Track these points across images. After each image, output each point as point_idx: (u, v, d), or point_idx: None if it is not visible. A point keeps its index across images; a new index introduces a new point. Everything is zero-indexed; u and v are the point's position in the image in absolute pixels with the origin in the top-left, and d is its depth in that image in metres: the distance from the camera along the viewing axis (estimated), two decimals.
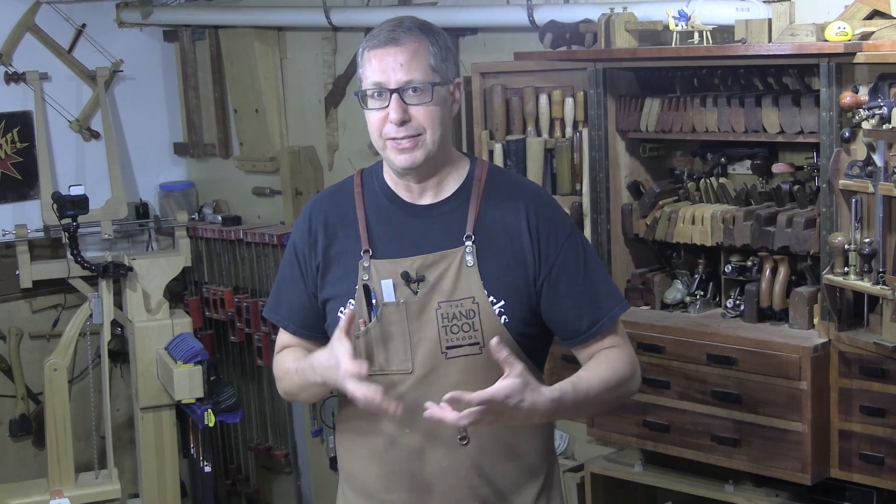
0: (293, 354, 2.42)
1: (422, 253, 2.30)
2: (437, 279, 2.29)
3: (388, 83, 2.23)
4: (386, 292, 2.30)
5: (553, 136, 3.64)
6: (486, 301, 2.28)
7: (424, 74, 2.24)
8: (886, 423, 2.94)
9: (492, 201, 2.33)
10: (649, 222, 3.42)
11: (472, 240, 2.30)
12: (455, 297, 2.28)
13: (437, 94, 2.25)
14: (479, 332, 2.28)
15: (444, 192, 2.35)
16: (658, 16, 3.30)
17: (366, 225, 2.34)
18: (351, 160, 4.69)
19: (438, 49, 2.27)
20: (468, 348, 2.28)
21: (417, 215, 2.34)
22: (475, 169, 2.37)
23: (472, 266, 2.29)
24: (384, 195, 2.37)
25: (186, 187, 5.40)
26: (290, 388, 2.44)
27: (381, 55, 2.24)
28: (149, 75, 5.35)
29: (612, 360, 2.33)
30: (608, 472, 3.61)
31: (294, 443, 5.15)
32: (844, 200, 2.96)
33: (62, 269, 4.92)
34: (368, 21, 4.36)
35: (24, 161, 5.00)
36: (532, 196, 2.37)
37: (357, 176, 2.43)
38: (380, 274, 2.30)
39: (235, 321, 4.98)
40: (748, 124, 3.16)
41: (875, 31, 2.91)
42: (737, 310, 3.30)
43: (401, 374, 2.30)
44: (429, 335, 2.29)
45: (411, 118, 2.24)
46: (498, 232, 2.31)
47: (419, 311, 2.29)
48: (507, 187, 2.37)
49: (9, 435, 5.06)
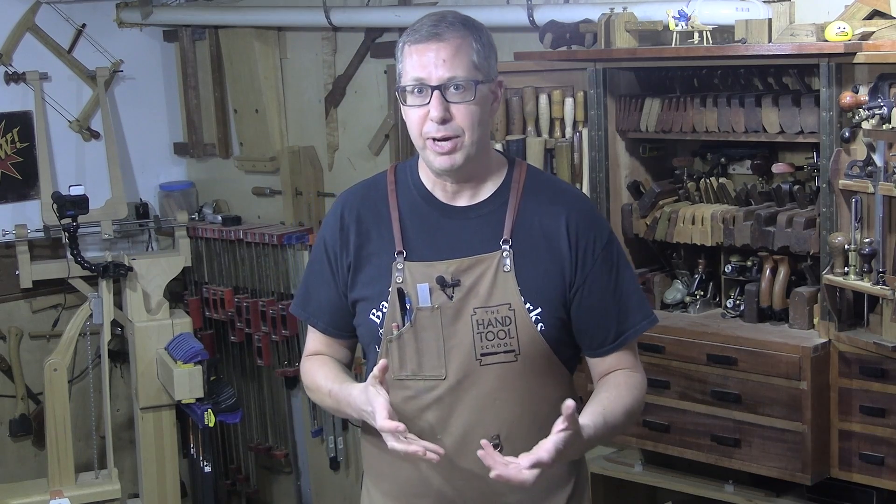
0: (324, 370, 2.37)
1: (457, 256, 2.25)
2: (473, 284, 2.24)
3: (430, 79, 2.17)
4: (422, 297, 2.24)
5: (553, 136, 3.64)
6: (522, 308, 2.23)
7: (467, 72, 2.18)
8: (886, 423, 2.94)
9: (530, 205, 2.28)
10: (649, 222, 3.42)
11: (509, 244, 2.25)
12: (491, 304, 2.23)
13: (479, 92, 2.19)
14: (514, 340, 2.23)
15: (481, 194, 2.29)
16: (658, 16, 3.30)
17: (400, 225, 2.29)
18: (351, 160, 4.69)
19: (482, 46, 2.21)
20: (503, 356, 2.24)
21: (453, 217, 2.28)
22: (514, 171, 2.32)
23: (510, 271, 2.23)
24: (419, 194, 2.31)
25: (186, 187, 5.40)
26: (322, 405, 2.43)
27: (423, 50, 2.18)
28: (149, 75, 5.35)
29: (632, 387, 2.29)
30: (608, 472, 3.61)
31: (294, 443, 5.15)
32: (844, 200, 2.96)
33: (62, 269, 4.92)
34: (368, 21, 4.37)
35: (24, 161, 5.00)
36: (573, 201, 2.31)
37: (391, 171, 2.37)
38: (414, 277, 2.25)
39: (235, 321, 4.98)
40: (748, 124, 3.16)
41: (875, 31, 2.91)
42: (737, 310, 3.30)
43: (434, 380, 2.26)
44: (463, 341, 2.24)
45: (452, 117, 2.18)
46: (536, 236, 2.26)
47: (454, 316, 2.24)
48: (546, 190, 2.31)
49: (9, 435, 5.06)
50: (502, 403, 2.26)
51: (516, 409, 2.27)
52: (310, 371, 2.42)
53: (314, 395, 2.42)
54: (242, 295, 4.96)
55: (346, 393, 2.27)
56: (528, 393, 2.27)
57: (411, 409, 2.28)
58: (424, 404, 2.28)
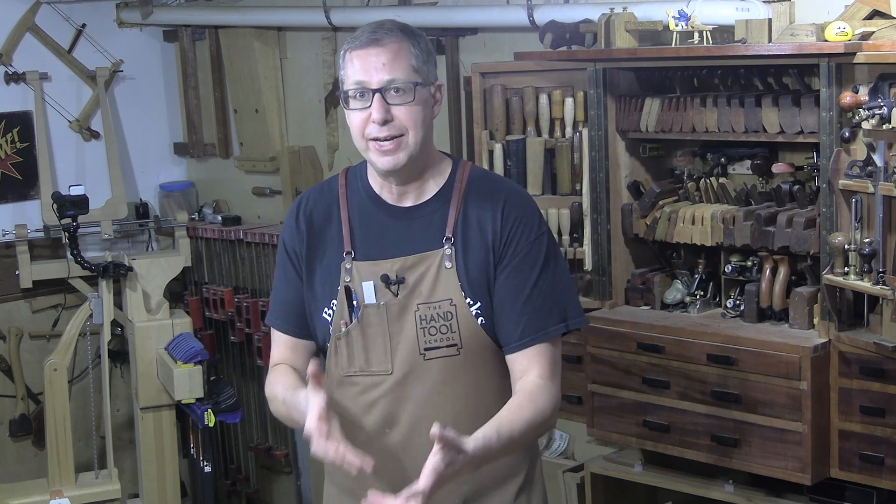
0: (283, 380, 2.40)
1: (402, 255, 2.32)
2: (417, 281, 2.31)
3: (371, 83, 2.24)
4: (367, 294, 2.31)
5: (553, 136, 3.64)
6: (463, 303, 2.30)
7: (406, 74, 2.25)
8: (886, 423, 2.94)
9: (472, 203, 2.34)
10: (649, 222, 3.42)
11: (451, 242, 2.31)
12: (433, 300, 2.30)
13: (419, 94, 2.26)
14: (456, 334, 2.30)
15: (425, 195, 2.36)
16: (658, 16, 3.30)
17: (349, 226, 2.36)
18: (351, 160, 4.68)
19: (420, 51, 2.29)
20: (446, 349, 2.30)
21: (399, 217, 2.35)
22: (457, 170, 2.38)
23: (451, 268, 2.30)
24: (367, 196, 2.38)
25: (186, 187, 5.40)
26: (277, 415, 2.44)
27: (364, 55, 2.26)
28: (149, 75, 5.35)
29: (537, 398, 2.26)
30: (608, 472, 3.61)
31: (294, 443, 5.14)
32: (844, 200, 2.96)
33: (62, 269, 4.92)
34: (368, 21, 4.35)
35: (24, 161, 5.00)
36: (509, 195, 2.36)
37: (342, 175, 2.45)
38: (361, 276, 2.32)
39: (235, 321, 4.98)
40: (748, 124, 3.16)
41: (875, 31, 2.91)
42: (737, 310, 3.30)
43: (381, 375, 2.32)
44: (408, 337, 2.31)
45: (393, 118, 2.25)
46: (475, 233, 2.32)
47: (399, 312, 2.31)
48: (487, 188, 2.36)
49: (9, 435, 5.06)
50: (447, 396, 2.32)
51: (460, 402, 2.32)
52: (271, 382, 2.45)
53: (272, 405, 2.44)
54: (242, 295, 4.96)
55: (296, 399, 2.30)
56: (472, 386, 2.33)
57: (360, 404, 2.35)
58: (372, 399, 2.34)
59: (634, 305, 3.50)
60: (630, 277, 3.53)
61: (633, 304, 3.50)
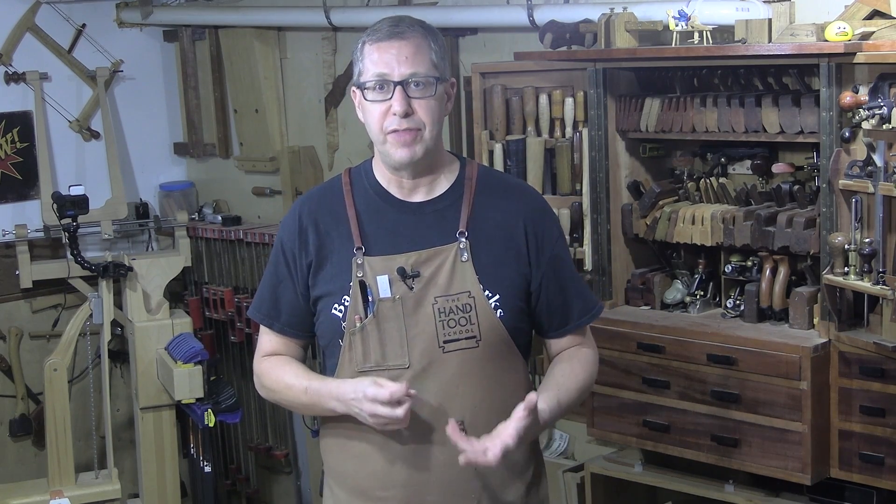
0: (292, 369, 2.42)
1: (416, 249, 2.33)
2: (433, 274, 2.32)
3: (392, 75, 2.26)
4: (382, 288, 2.32)
5: (553, 136, 3.64)
6: (482, 295, 2.32)
7: (427, 69, 2.28)
8: (886, 423, 2.94)
9: (484, 199, 2.37)
10: (649, 222, 3.42)
11: (465, 236, 2.33)
12: (451, 292, 2.31)
13: (438, 89, 2.29)
14: (475, 326, 2.31)
15: (436, 190, 2.38)
16: (658, 16, 3.31)
17: (357, 222, 2.36)
18: (351, 160, 4.68)
19: (438, 47, 2.32)
20: (465, 342, 2.31)
21: (410, 213, 2.36)
22: (466, 168, 2.41)
23: (467, 261, 2.32)
24: (375, 193, 2.39)
25: (186, 187, 5.40)
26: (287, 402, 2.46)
27: (385, 48, 2.28)
28: (149, 75, 5.36)
29: (584, 361, 2.43)
30: (608, 472, 3.61)
31: (294, 443, 5.15)
32: (844, 200, 2.96)
33: (62, 269, 4.92)
34: (368, 21, 4.31)
35: (24, 161, 5.00)
36: (525, 194, 2.45)
37: (345, 175, 2.45)
38: (374, 270, 2.32)
39: (235, 321, 4.98)
40: (748, 124, 3.16)
41: (875, 31, 2.91)
42: (737, 310, 3.30)
43: (398, 369, 2.32)
44: (426, 329, 2.31)
45: (414, 111, 2.27)
46: (491, 228, 2.35)
47: (415, 305, 2.31)
48: (498, 186, 2.42)
49: (9, 435, 5.06)
50: (465, 390, 2.33)
51: (478, 395, 2.34)
52: (272, 370, 2.45)
53: (279, 394, 2.44)
54: (242, 295, 4.96)
55: (330, 386, 2.32)
56: (489, 379, 2.35)
57: None
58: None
59: (634, 305, 3.50)
60: (630, 277, 3.53)
61: (633, 304, 3.51)
